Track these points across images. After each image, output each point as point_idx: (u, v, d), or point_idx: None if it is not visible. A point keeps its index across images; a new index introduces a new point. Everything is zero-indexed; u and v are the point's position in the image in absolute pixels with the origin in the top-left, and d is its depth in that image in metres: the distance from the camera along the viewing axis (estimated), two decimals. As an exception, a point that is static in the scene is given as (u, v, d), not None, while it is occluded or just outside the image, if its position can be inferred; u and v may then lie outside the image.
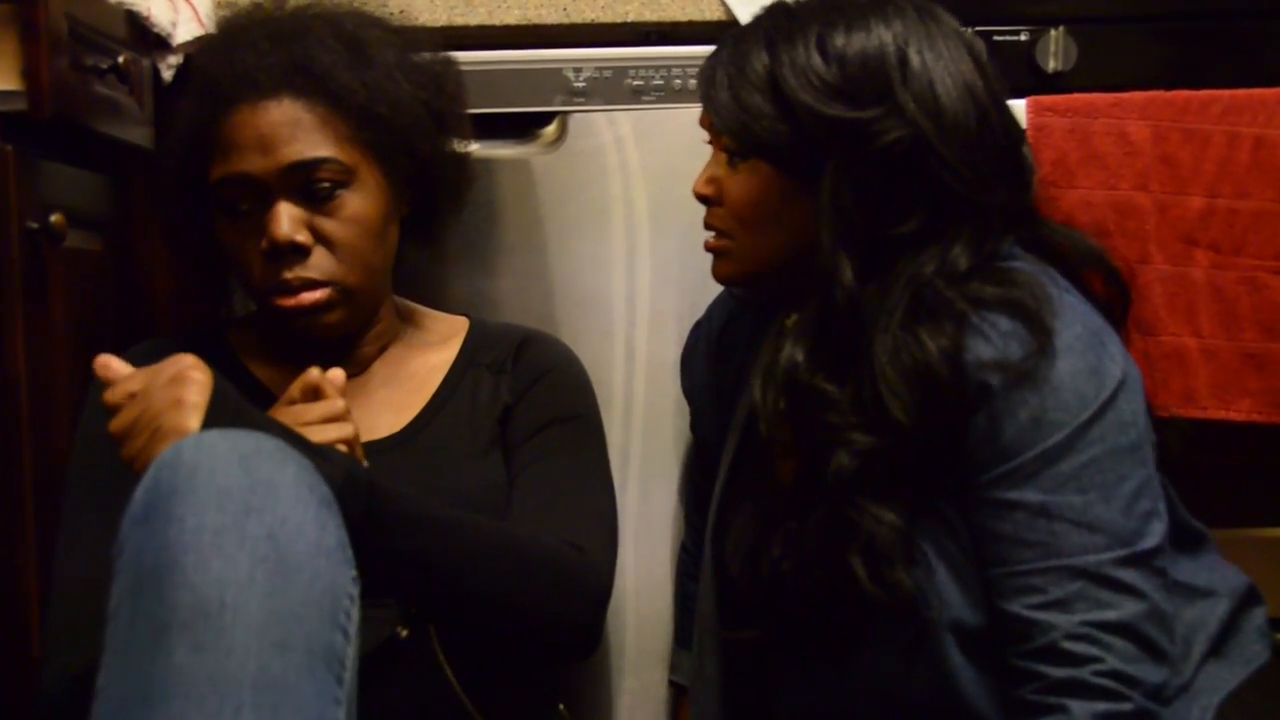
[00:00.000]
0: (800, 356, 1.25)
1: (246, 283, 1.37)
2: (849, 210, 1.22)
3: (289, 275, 1.32)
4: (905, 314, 1.19)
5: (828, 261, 1.22)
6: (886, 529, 1.19)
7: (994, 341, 1.17)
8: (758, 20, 1.31)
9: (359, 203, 1.36)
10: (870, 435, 1.20)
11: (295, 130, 1.32)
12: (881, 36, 1.23)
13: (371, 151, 1.38)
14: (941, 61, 1.23)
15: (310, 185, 1.33)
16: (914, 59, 1.22)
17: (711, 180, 1.34)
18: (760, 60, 1.25)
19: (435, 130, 1.45)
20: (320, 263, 1.34)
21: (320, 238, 1.34)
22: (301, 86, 1.34)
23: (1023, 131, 1.31)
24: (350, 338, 1.42)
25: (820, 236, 1.23)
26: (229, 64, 1.35)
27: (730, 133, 1.29)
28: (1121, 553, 1.15)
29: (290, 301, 1.33)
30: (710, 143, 1.36)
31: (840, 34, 1.23)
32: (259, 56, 1.34)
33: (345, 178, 1.34)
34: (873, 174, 1.21)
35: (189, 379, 1.07)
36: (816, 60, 1.22)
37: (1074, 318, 1.19)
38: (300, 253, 1.32)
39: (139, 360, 1.14)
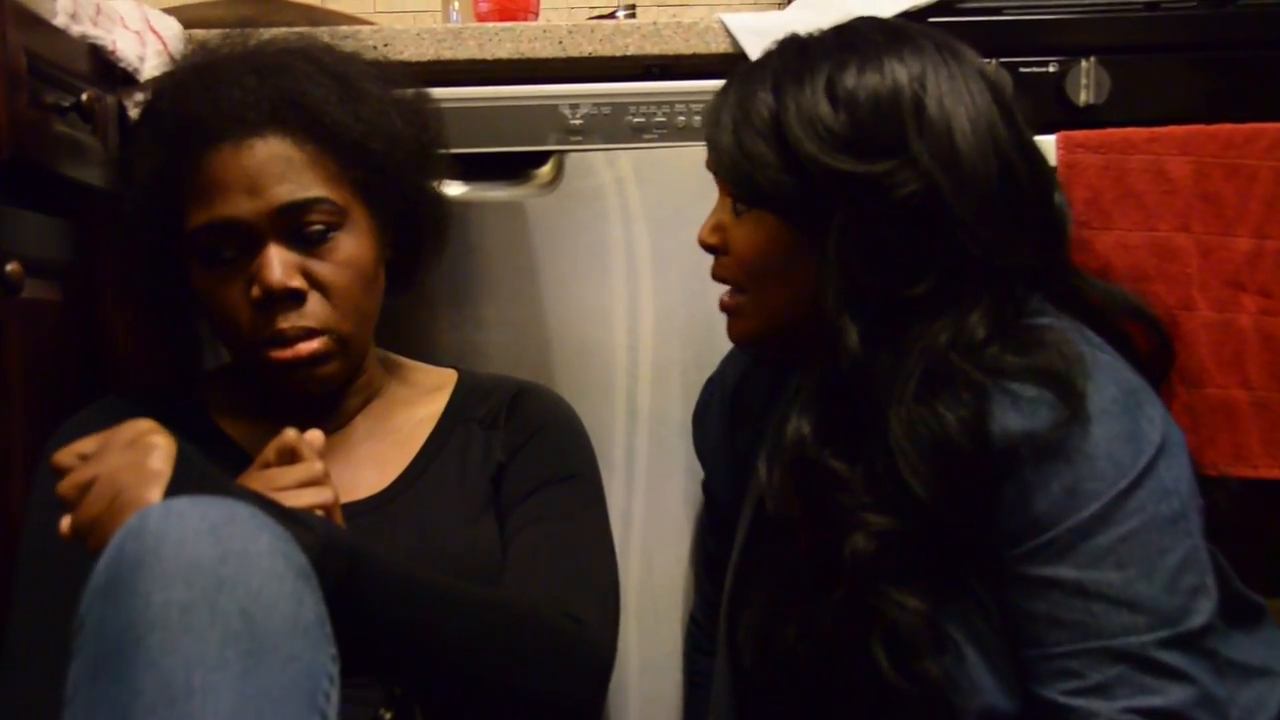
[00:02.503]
0: (807, 430, 1.24)
1: (232, 335, 1.36)
2: (856, 269, 1.20)
3: (285, 325, 1.31)
4: (919, 385, 1.18)
5: (833, 324, 1.21)
6: (910, 615, 1.17)
7: (1021, 410, 1.15)
8: (768, 56, 1.30)
9: (352, 245, 1.35)
10: (886, 515, 1.18)
11: (285, 169, 1.32)
12: (897, 77, 1.21)
13: (361, 191, 1.38)
14: (962, 106, 1.21)
15: (302, 228, 1.32)
16: (931, 105, 1.20)
17: (717, 228, 1.34)
18: (765, 104, 1.24)
19: (423, 167, 1.45)
20: (316, 310, 1.33)
21: (314, 283, 1.33)
22: (291, 123, 1.33)
23: (1055, 179, 1.29)
24: (334, 391, 1.42)
25: (826, 297, 1.21)
26: (211, 100, 1.33)
27: (732, 181, 1.28)
28: (1165, 633, 1.12)
29: (286, 354, 1.32)
30: (719, 185, 1.35)
31: (851, 75, 1.21)
32: (244, 92, 1.33)
33: (338, 219, 1.34)
34: (882, 230, 1.20)
35: (150, 444, 1.06)
36: (824, 106, 1.21)
37: (1107, 378, 1.17)
38: (295, 300, 1.32)
39: (100, 418, 1.13)
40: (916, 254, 1.20)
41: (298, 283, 1.31)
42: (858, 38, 1.25)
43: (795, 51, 1.27)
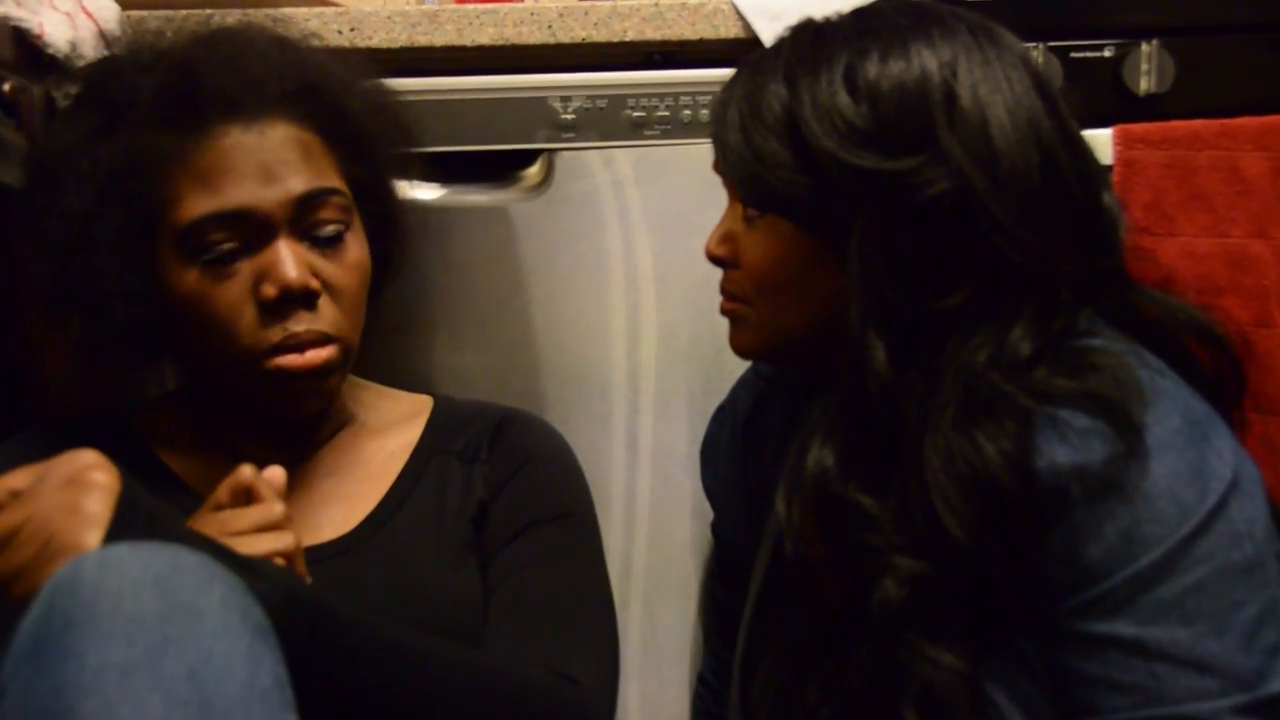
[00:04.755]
0: (830, 461, 1.24)
1: (225, 344, 1.34)
2: (882, 279, 1.20)
3: (299, 328, 1.32)
4: (958, 411, 1.17)
5: (857, 341, 1.21)
6: (946, 674, 1.16)
7: (1071, 442, 1.14)
8: (780, 45, 1.30)
9: (357, 246, 1.38)
10: (920, 559, 1.18)
11: (303, 156, 1.34)
12: (925, 65, 1.21)
13: (356, 190, 1.40)
14: (999, 95, 1.21)
15: (314, 224, 1.34)
16: (963, 93, 1.20)
17: (726, 238, 1.34)
18: (777, 97, 1.24)
19: (406, 170, 1.49)
20: (329, 314, 1.35)
21: (325, 284, 1.35)
22: (309, 107, 1.36)
23: (1106, 179, 1.28)
24: (312, 415, 1.42)
25: (849, 312, 1.21)
26: (230, 68, 1.34)
27: (741, 183, 1.29)
28: (1241, 699, 1.10)
29: (298, 361, 1.33)
30: (727, 190, 1.35)
31: (874, 63, 1.21)
32: (268, 64, 1.35)
33: (349, 216, 1.37)
34: (911, 235, 1.20)
35: (89, 482, 1.05)
36: (843, 98, 1.21)
37: (1169, 407, 1.16)
38: (309, 302, 1.33)
39: (23, 452, 1.11)
40: (949, 261, 1.20)
41: (315, 283, 1.33)
42: (880, 21, 1.26)
43: (810, 38, 1.27)
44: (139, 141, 1.34)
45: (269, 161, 1.32)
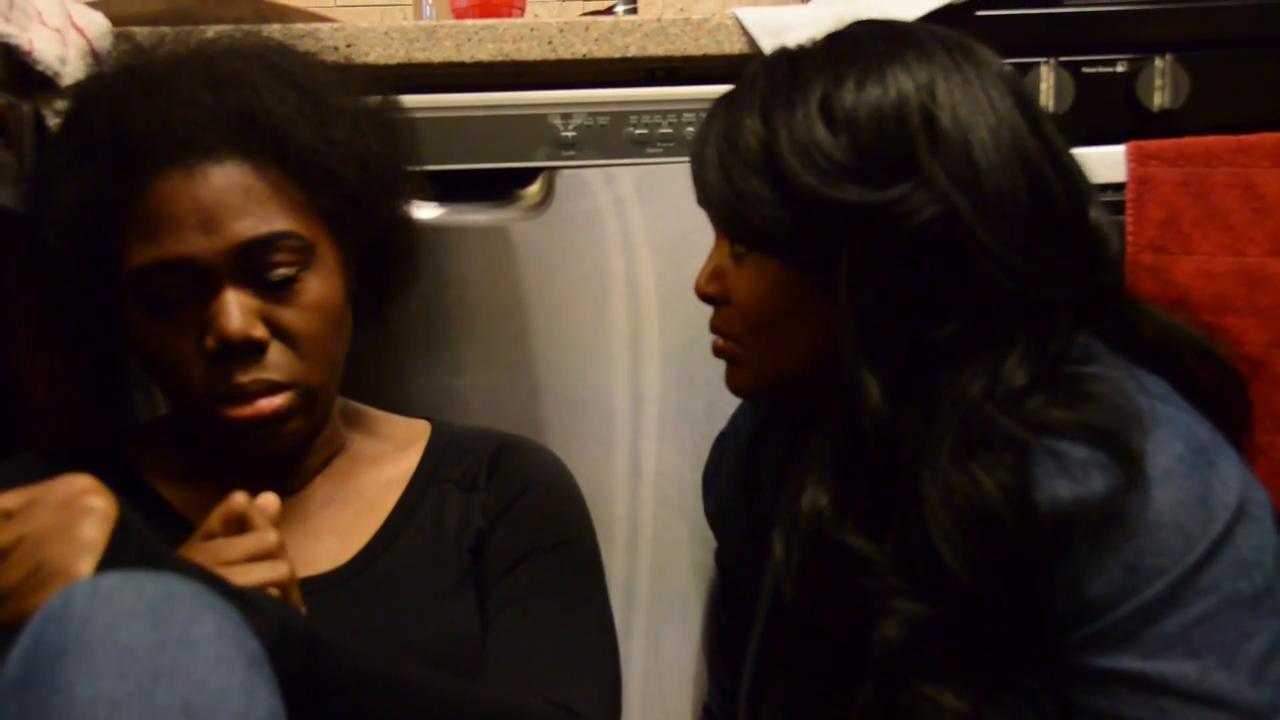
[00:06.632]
0: (824, 501, 1.23)
1: (180, 390, 1.35)
2: (872, 313, 1.20)
3: (245, 379, 1.31)
4: (954, 445, 1.17)
5: (850, 377, 1.20)
6: (948, 716, 1.16)
7: (1071, 474, 1.14)
8: (754, 77, 1.30)
9: (319, 285, 1.35)
10: (919, 600, 1.17)
11: (246, 200, 1.31)
12: (902, 89, 1.20)
13: (328, 222, 1.38)
14: (980, 116, 1.20)
15: (264, 269, 1.32)
16: (943, 116, 1.19)
17: (716, 275, 1.35)
18: (754, 133, 1.24)
19: (396, 190, 1.46)
20: (279, 361, 1.33)
21: (276, 331, 1.33)
22: (252, 146, 1.33)
23: (1095, 195, 1.28)
24: (293, 449, 1.42)
25: (841, 347, 1.21)
26: (158, 119, 1.32)
27: (724, 222, 1.29)
28: None
29: (246, 411, 1.32)
30: (714, 226, 1.35)
31: (850, 91, 1.21)
32: (197, 108, 1.33)
33: (304, 257, 1.34)
34: (899, 266, 1.19)
35: (85, 507, 1.05)
36: (820, 130, 1.20)
37: (1171, 434, 1.16)
38: (256, 351, 1.32)
39: (14, 478, 1.11)
40: (940, 290, 1.20)
41: (260, 332, 1.31)
42: (854, 47, 1.25)
43: (784, 69, 1.27)
44: (92, 182, 1.33)
45: (209, 208, 1.30)
